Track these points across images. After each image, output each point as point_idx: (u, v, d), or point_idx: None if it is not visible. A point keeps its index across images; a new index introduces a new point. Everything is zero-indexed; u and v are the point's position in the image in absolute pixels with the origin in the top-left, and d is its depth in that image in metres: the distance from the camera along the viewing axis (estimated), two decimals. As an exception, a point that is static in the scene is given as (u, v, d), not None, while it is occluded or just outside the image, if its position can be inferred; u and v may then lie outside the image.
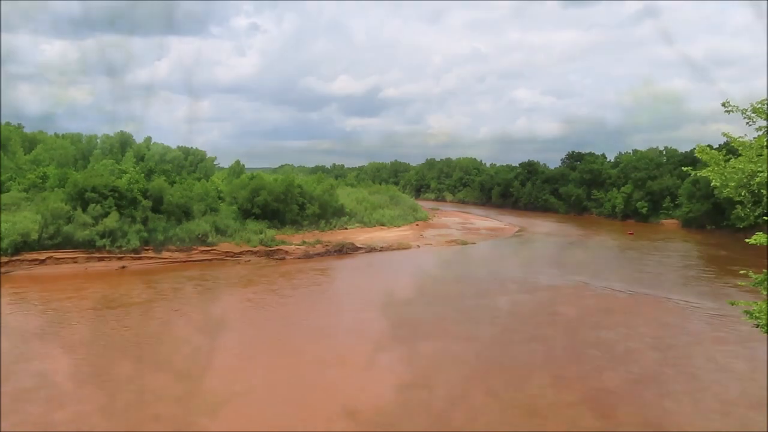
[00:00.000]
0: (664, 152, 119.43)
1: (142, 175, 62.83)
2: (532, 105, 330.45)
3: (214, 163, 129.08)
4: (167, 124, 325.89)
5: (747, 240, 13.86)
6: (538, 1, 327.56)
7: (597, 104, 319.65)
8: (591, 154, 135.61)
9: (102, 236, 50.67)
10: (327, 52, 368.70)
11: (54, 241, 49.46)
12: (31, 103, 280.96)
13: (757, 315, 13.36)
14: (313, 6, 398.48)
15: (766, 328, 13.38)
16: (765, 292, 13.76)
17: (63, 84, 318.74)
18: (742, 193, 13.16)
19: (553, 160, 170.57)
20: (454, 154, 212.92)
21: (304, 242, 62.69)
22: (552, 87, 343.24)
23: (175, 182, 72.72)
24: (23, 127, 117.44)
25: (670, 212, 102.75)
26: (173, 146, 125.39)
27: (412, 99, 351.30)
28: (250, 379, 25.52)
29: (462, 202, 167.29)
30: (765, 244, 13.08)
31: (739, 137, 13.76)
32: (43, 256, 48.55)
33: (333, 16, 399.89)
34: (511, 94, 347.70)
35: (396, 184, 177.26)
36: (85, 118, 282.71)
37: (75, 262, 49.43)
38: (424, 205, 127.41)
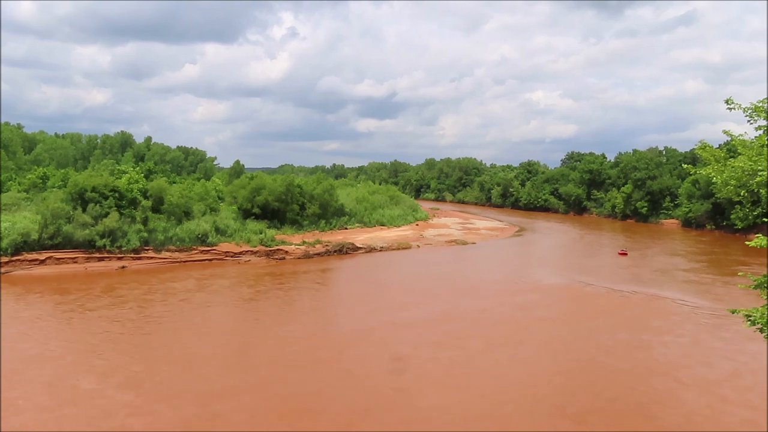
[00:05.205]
0: (663, 152, 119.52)
1: (142, 175, 62.80)
2: (547, 107, 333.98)
3: (215, 163, 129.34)
4: (181, 124, 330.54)
5: (747, 242, 13.84)
6: (578, 3, 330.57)
7: (612, 106, 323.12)
8: (591, 154, 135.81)
9: (102, 236, 50.61)
10: (357, 56, 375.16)
11: (54, 241, 49.39)
12: (53, 104, 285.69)
13: (759, 320, 13.34)
14: (354, 9, 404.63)
15: (766, 332, 13.36)
16: (764, 296, 13.74)
17: (87, 87, 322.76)
18: (742, 193, 13.16)
19: (557, 161, 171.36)
20: (461, 155, 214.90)
21: (304, 242, 62.67)
22: (571, 89, 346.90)
23: (175, 182, 72.85)
24: (23, 127, 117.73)
25: (670, 212, 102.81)
26: (182, 146, 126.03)
27: (431, 101, 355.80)
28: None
29: (462, 202, 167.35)
30: (765, 246, 13.06)
31: (740, 135, 13.75)
32: (43, 256, 48.49)
33: (370, 22, 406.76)
34: (528, 96, 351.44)
35: (396, 184, 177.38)
36: (100, 119, 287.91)
37: (75, 262, 49.38)
38: (424, 205, 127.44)
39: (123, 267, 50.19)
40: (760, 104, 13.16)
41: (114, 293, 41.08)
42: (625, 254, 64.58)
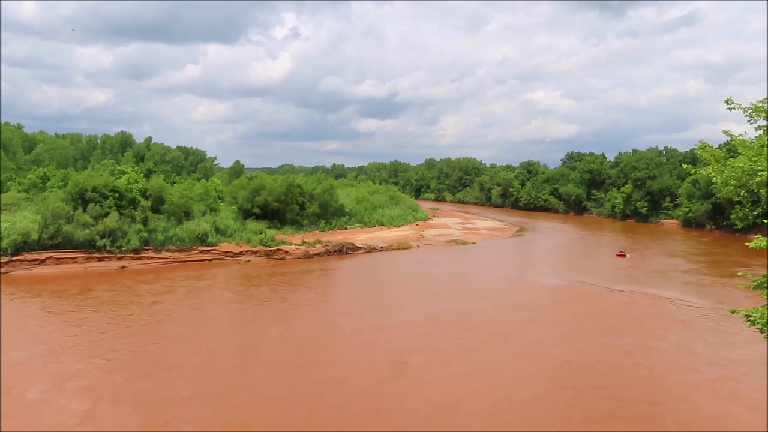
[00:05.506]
0: (663, 152, 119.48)
1: (142, 175, 62.79)
2: (548, 107, 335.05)
3: (214, 163, 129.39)
4: (182, 124, 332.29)
5: (747, 244, 13.80)
6: (580, 4, 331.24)
7: (613, 106, 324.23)
8: (591, 154, 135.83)
9: (102, 236, 50.61)
10: (358, 56, 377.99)
11: (54, 241, 49.39)
12: (54, 104, 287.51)
13: (759, 320, 13.30)
14: (356, 9, 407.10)
15: (766, 332, 13.33)
16: (764, 296, 13.70)
17: (88, 87, 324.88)
18: (742, 193, 13.13)
19: (558, 161, 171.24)
20: (462, 155, 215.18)
21: (304, 242, 62.67)
22: (572, 90, 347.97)
23: (175, 182, 72.84)
24: (23, 127, 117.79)
25: (670, 212, 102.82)
26: (182, 146, 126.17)
27: (432, 101, 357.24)
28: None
29: (462, 202, 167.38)
30: (765, 247, 13.03)
31: (740, 135, 13.72)
32: (43, 256, 48.48)
33: (371, 22, 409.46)
34: (529, 96, 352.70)
35: (396, 184, 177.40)
36: (101, 119, 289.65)
37: (75, 262, 49.38)
38: (424, 205, 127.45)
39: (123, 267, 50.17)
40: (760, 104, 13.13)
41: (90, 294, 40.34)
42: (624, 256, 63.35)
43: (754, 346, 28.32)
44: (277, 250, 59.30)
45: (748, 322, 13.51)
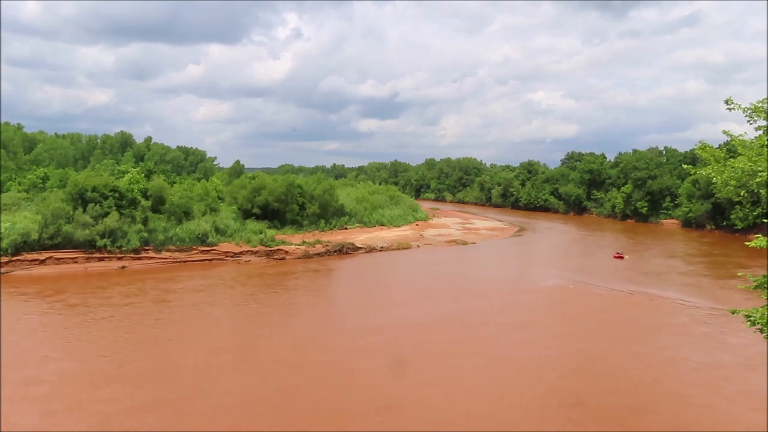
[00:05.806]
0: (663, 152, 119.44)
1: (142, 175, 62.81)
2: (548, 107, 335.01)
3: (215, 163, 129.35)
4: (182, 124, 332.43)
5: (747, 243, 13.80)
6: (582, 4, 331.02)
7: (613, 106, 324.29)
8: (591, 154, 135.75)
9: (102, 236, 50.62)
10: (360, 56, 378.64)
11: (54, 241, 49.39)
12: (55, 105, 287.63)
13: (759, 320, 13.29)
14: (358, 9, 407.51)
15: (766, 332, 13.32)
16: (764, 296, 13.69)
17: (90, 87, 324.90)
18: (742, 193, 13.13)
19: (558, 161, 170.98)
20: (462, 155, 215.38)
21: (304, 242, 62.67)
22: (572, 90, 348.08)
23: (174, 182, 72.86)
24: (23, 127, 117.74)
25: (670, 212, 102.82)
26: (182, 146, 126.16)
27: (433, 101, 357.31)
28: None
29: (462, 202, 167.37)
30: (765, 247, 13.02)
31: (739, 135, 13.72)
32: (43, 256, 48.48)
33: (373, 22, 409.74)
34: (530, 97, 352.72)
35: (396, 184, 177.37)
36: (102, 119, 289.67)
37: (75, 262, 49.37)
38: (424, 205, 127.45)
39: (123, 267, 50.16)
40: (760, 104, 13.12)
41: (61, 297, 39.85)
42: (622, 257, 62.02)
43: (753, 347, 28.33)
44: (277, 250, 59.30)
45: (749, 323, 13.51)
